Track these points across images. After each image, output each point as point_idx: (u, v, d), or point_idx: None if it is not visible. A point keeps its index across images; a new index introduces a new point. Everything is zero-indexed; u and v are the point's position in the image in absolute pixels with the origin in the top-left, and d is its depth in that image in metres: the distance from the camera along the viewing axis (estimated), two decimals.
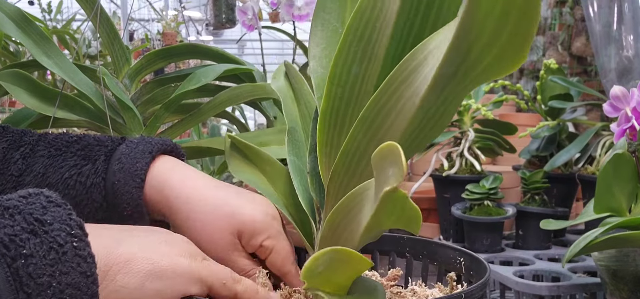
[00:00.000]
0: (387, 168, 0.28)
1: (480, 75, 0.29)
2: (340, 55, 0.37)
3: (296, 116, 0.48)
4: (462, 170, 1.16)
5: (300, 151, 0.46)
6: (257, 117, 4.46)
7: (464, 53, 0.28)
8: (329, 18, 0.45)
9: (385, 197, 0.28)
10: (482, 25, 0.26)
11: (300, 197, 0.44)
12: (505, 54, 0.27)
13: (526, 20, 0.25)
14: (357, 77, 0.37)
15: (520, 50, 0.26)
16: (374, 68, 0.37)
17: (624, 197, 0.67)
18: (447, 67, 0.29)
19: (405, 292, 0.47)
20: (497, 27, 0.26)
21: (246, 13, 1.09)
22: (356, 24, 0.36)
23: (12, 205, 0.32)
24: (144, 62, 0.82)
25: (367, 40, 0.36)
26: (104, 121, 0.75)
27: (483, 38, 0.27)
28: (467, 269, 0.46)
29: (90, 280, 0.32)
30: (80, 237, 0.33)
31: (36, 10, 2.50)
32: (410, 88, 0.31)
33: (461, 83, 0.30)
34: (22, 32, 0.69)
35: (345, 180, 0.37)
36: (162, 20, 2.85)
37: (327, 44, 0.44)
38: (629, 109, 0.71)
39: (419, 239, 0.52)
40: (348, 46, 0.37)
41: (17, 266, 0.29)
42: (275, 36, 5.93)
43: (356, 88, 0.38)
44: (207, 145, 0.81)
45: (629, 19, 1.30)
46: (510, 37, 0.26)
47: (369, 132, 0.35)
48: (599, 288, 0.84)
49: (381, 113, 0.34)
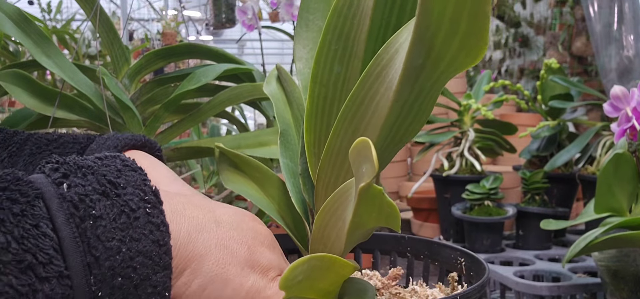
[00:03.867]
0: (361, 164, 0.28)
1: (449, 67, 0.29)
2: (321, 54, 0.37)
3: (289, 119, 0.48)
4: (462, 170, 1.16)
5: (293, 153, 0.46)
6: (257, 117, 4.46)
7: (428, 45, 0.28)
8: (313, 18, 0.44)
9: (361, 194, 0.28)
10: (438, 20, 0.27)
11: (293, 199, 0.44)
12: (465, 46, 0.28)
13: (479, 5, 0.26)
14: (339, 75, 0.37)
15: (479, 41, 0.27)
16: (355, 65, 0.37)
17: (624, 197, 0.67)
18: (414, 60, 0.29)
19: (405, 292, 0.46)
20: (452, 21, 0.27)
21: (246, 13, 1.09)
22: (334, 21, 0.36)
23: (86, 164, 0.31)
24: (144, 62, 0.82)
25: (345, 37, 0.36)
26: (103, 120, 0.74)
27: (441, 31, 0.27)
28: (468, 270, 0.46)
29: (162, 250, 0.31)
30: (154, 204, 0.31)
31: (36, 10, 2.50)
32: (384, 83, 0.31)
33: (432, 76, 0.30)
34: (22, 32, 0.69)
35: (332, 179, 0.37)
36: (162, 20, 2.85)
37: (313, 45, 0.44)
38: (629, 109, 0.71)
39: (420, 239, 0.52)
40: (328, 45, 0.36)
41: (85, 227, 0.28)
42: (275, 36, 5.93)
43: (339, 86, 0.37)
44: (207, 145, 0.81)
45: (630, 19, 1.30)
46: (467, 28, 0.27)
47: (349, 129, 0.34)
48: (599, 288, 0.84)
49: (360, 109, 0.34)
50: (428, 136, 1.19)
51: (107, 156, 0.33)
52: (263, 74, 0.93)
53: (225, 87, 0.81)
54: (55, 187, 0.29)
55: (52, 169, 0.30)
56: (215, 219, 0.35)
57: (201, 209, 0.35)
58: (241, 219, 0.37)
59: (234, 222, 0.36)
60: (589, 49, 2.20)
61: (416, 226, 1.41)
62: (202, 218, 0.34)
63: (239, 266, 0.34)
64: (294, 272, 0.31)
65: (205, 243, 0.33)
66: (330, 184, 0.37)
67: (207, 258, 0.33)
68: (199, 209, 0.35)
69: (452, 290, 0.46)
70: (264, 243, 0.37)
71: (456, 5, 0.26)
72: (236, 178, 0.50)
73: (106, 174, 0.31)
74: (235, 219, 0.37)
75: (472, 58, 0.28)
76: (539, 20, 2.97)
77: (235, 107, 1.21)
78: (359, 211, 0.30)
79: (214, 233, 0.34)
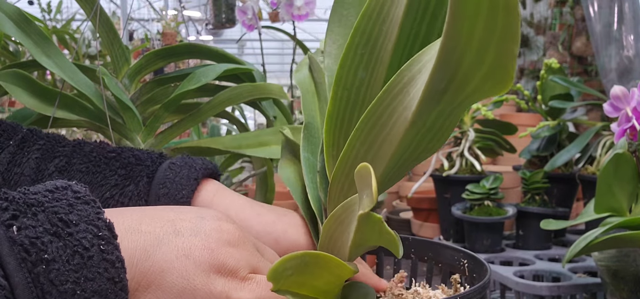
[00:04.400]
0: (363, 190, 0.28)
1: (473, 94, 0.28)
2: (347, 57, 0.36)
3: (315, 111, 0.47)
4: (462, 170, 1.16)
5: (315, 147, 0.45)
6: (257, 117, 4.46)
7: (452, 70, 0.27)
8: (347, 14, 0.43)
9: (361, 220, 0.28)
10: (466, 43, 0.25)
11: (309, 196, 0.43)
12: (491, 77, 0.27)
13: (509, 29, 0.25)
14: (363, 81, 0.36)
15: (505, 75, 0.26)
16: (379, 73, 0.36)
17: (624, 197, 0.67)
18: (436, 83, 0.28)
19: (408, 293, 0.46)
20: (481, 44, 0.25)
21: (246, 13, 1.09)
22: (363, 25, 0.35)
23: (36, 201, 0.29)
24: (144, 62, 0.82)
25: (373, 43, 0.35)
26: (103, 120, 0.74)
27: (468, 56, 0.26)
28: (470, 272, 0.46)
29: (118, 287, 0.30)
30: (108, 239, 0.30)
31: (36, 10, 2.50)
32: (403, 102, 0.31)
33: (454, 100, 0.29)
34: (22, 32, 0.69)
35: (346, 186, 0.37)
36: (162, 20, 2.85)
37: (344, 42, 0.42)
38: (630, 109, 0.71)
39: (424, 240, 0.52)
40: (355, 48, 0.36)
41: (38, 272, 0.27)
42: (275, 36, 5.93)
43: (362, 92, 0.37)
44: (207, 145, 0.81)
45: (630, 19, 1.30)
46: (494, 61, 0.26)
47: (366, 142, 0.34)
48: (599, 288, 0.84)
49: (377, 124, 0.33)
50: None
51: (58, 188, 0.31)
52: (263, 74, 0.93)
53: (225, 87, 0.81)
54: (4, 230, 0.28)
55: (1, 208, 0.29)
56: (175, 229, 0.34)
57: (159, 221, 0.34)
58: (202, 222, 0.35)
59: (195, 228, 0.35)
60: (589, 49, 2.20)
61: (416, 226, 1.41)
62: (160, 231, 0.33)
63: (203, 274, 0.33)
64: (284, 265, 0.31)
65: (164, 257, 0.32)
66: (343, 190, 0.37)
67: (169, 272, 0.32)
68: (156, 222, 0.34)
69: (455, 292, 0.46)
70: (229, 242, 0.35)
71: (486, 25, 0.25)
72: (289, 166, 0.49)
73: (58, 211, 0.29)
74: (196, 224, 0.35)
75: (497, 89, 0.27)
76: (539, 20, 2.97)
77: (236, 107, 1.21)
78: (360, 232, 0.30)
79: (173, 245, 0.33)
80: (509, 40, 0.25)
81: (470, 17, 0.24)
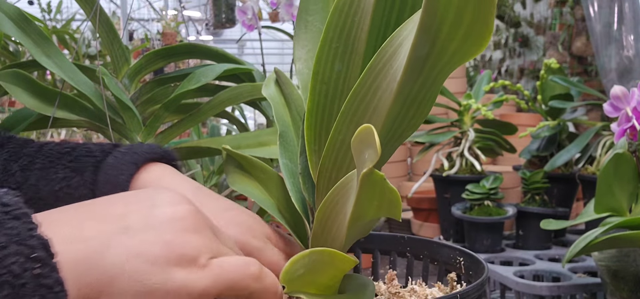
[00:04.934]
0: (364, 151, 0.28)
1: (453, 57, 0.30)
2: (322, 52, 0.37)
3: (288, 121, 0.48)
4: (462, 170, 1.16)
5: (292, 154, 0.46)
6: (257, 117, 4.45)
7: (433, 35, 0.28)
8: (312, 20, 0.45)
9: (363, 181, 0.28)
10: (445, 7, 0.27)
11: (293, 199, 0.44)
12: (471, 34, 0.28)
13: None
14: (340, 73, 0.38)
15: (485, 26, 0.27)
16: (355, 62, 0.37)
17: (624, 197, 0.67)
18: (419, 50, 0.29)
19: (405, 291, 0.47)
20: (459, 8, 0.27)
21: (246, 13, 1.09)
22: (335, 20, 0.36)
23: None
24: (144, 62, 0.82)
25: (346, 35, 0.36)
26: (103, 120, 0.74)
27: (448, 18, 0.27)
28: (467, 269, 0.47)
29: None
30: (44, 261, 0.26)
31: (36, 10, 2.50)
32: (387, 76, 0.32)
33: (435, 66, 0.31)
34: (22, 32, 0.69)
35: (333, 175, 0.37)
36: (162, 20, 2.85)
37: (312, 46, 0.45)
38: (630, 109, 0.71)
39: (420, 239, 0.52)
40: (329, 43, 0.37)
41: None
42: (275, 36, 5.93)
43: (340, 84, 0.38)
44: (207, 145, 0.81)
45: (630, 19, 1.30)
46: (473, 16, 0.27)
47: (351, 125, 0.35)
48: (599, 288, 0.84)
49: (362, 103, 0.34)
50: (428, 136, 1.19)
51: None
52: (263, 74, 0.93)
53: (225, 87, 0.81)
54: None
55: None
56: (124, 226, 0.30)
57: (105, 219, 0.31)
58: (153, 213, 0.32)
59: (146, 220, 0.31)
60: (589, 49, 2.20)
61: (416, 226, 1.41)
62: (106, 232, 0.30)
63: (160, 270, 0.29)
64: (295, 266, 0.31)
65: (113, 261, 0.29)
66: (332, 180, 0.37)
67: (120, 277, 0.29)
68: (102, 222, 0.30)
69: (451, 290, 0.46)
70: (186, 229, 0.32)
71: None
72: (241, 179, 0.50)
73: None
74: (147, 218, 0.31)
75: (477, 47, 0.28)
76: (539, 20, 2.97)
77: (235, 107, 1.21)
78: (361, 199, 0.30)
79: (123, 246, 0.29)
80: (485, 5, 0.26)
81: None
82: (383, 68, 0.32)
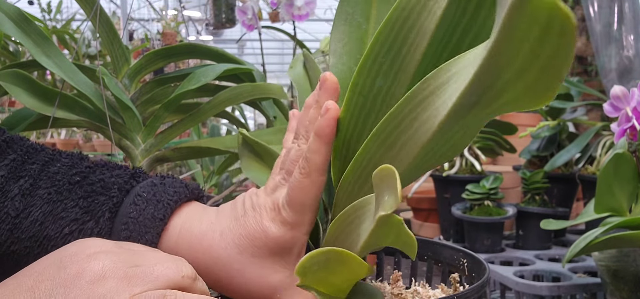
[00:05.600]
0: (384, 192, 0.28)
1: (505, 106, 0.27)
2: (366, 64, 0.35)
3: None
4: (462, 170, 1.16)
5: None
6: (257, 117, 4.45)
7: (491, 80, 0.26)
8: (352, 12, 0.42)
9: (380, 221, 0.28)
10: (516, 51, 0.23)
11: None
12: (534, 87, 0.24)
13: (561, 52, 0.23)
14: (381, 89, 0.36)
15: (551, 85, 0.24)
16: (401, 83, 0.35)
17: (624, 197, 0.67)
18: (469, 96, 0.27)
19: (408, 293, 0.47)
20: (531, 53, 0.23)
21: (246, 13, 1.09)
22: (386, 34, 0.34)
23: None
24: (144, 62, 0.82)
25: (396, 53, 0.34)
26: (103, 120, 0.74)
27: (514, 66, 0.24)
28: (470, 271, 0.47)
29: None
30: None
31: (36, 10, 2.50)
32: (427, 110, 0.30)
33: (482, 111, 0.28)
34: (22, 32, 0.69)
35: (355, 190, 0.36)
36: (162, 20, 2.85)
37: (349, 40, 0.42)
38: (630, 109, 0.71)
39: (424, 240, 0.52)
40: (374, 56, 0.35)
41: None
42: (275, 36, 5.93)
43: (379, 100, 0.36)
44: (207, 145, 0.81)
45: (630, 19, 1.30)
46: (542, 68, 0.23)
47: (381, 148, 0.33)
48: (599, 288, 0.84)
49: (396, 131, 0.32)
50: None
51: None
52: (263, 74, 0.93)
53: (225, 87, 0.81)
54: None
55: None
56: None
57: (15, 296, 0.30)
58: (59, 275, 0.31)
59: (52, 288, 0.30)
60: (589, 49, 2.20)
61: (416, 226, 1.41)
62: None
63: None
64: (312, 260, 0.31)
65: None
66: (353, 194, 0.36)
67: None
68: None
69: (454, 291, 0.46)
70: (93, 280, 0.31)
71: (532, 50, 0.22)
72: (254, 166, 0.49)
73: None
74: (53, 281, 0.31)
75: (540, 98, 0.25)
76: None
77: (236, 107, 1.21)
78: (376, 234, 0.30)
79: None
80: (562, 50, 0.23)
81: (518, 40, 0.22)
82: (425, 99, 0.30)
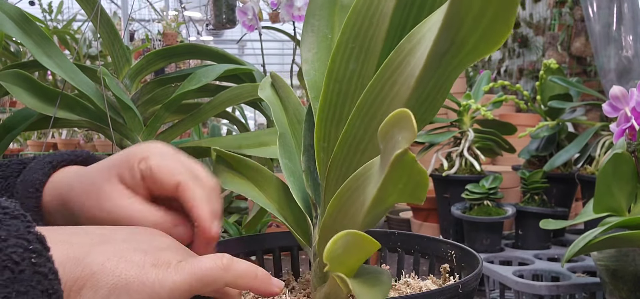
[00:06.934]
0: (396, 134, 0.29)
1: (470, 53, 0.31)
2: (338, 52, 0.39)
3: (285, 123, 0.50)
4: (461, 170, 1.16)
5: (291, 154, 0.48)
6: (257, 117, 4.45)
7: (454, 31, 0.30)
8: (318, 24, 0.47)
9: (394, 162, 0.29)
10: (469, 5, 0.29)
11: (295, 196, 0.45)
12: (491, 30, 0.29)
13: None
14: (354, 72, 0.39)
15: (505, 25, 0.29)
16: (370, 62, 0.39)
17: (623, 197, 0.67)
18: (440, 45, 0.30)
19: (399, 284, 0.47)
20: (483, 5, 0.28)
21: (246, 13, 1.09)
22: (353, 21, 0.38)
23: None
24: (145, 63, 0.82)
25: (363, 36, 0.38)
26: (104, 121, 0.75)
27: (470, 15, 0.29)
28: (459, 261, 0.47)
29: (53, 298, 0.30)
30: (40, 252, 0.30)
31: (37, 10, 2.50)
32: (404, 72, 0.33)
33: (452, 62, 0.32)
34: (23, 33, 0.69)
35: (344, 169, 0.39)
36: (163, 20, 2.85)
37: (318, 49, 0.47)
38: (628, 109, 0.72)
39: (410, 234, 0.53)
40: (345, 43, 0.39)
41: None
42: (275, 36, 5.94)
43: (353, 82, 0.39)
44: (208, 145, 0.81)
45: (629, 19, 1.31)
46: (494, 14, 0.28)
47: (365, 120, 0.36)
48: (599, 287, 0.85)
49: (377, 100, 0.35)
50: (428, 136, 1.20)
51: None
52: (263, 74, 0.93)
53: (226, 88, 0.81)
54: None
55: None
56: (106, 239, 0.35)
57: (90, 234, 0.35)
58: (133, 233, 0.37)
59: (126, 237, 0.36)
60: (588, 50, 2.21)
61: (416, 225, 1.42)
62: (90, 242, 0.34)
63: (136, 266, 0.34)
64: (335, 245, 0.32)
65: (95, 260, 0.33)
66: (343, 175, 0.38)
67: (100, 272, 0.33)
68: (87, 235, 0.35)
69: (444, 281, 0.47)
70: (160, 248, 0.36)
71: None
72: (234, 180, 0.50)
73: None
74: (127, 235, 0.37)
75: (493, 44, 0.30)
76: (538, 21, 2.98)
77: (236, 107, 1.22)
78: (387, 183, 0.31)
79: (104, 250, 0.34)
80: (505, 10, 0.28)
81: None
82: (401, 63, 0.33)
